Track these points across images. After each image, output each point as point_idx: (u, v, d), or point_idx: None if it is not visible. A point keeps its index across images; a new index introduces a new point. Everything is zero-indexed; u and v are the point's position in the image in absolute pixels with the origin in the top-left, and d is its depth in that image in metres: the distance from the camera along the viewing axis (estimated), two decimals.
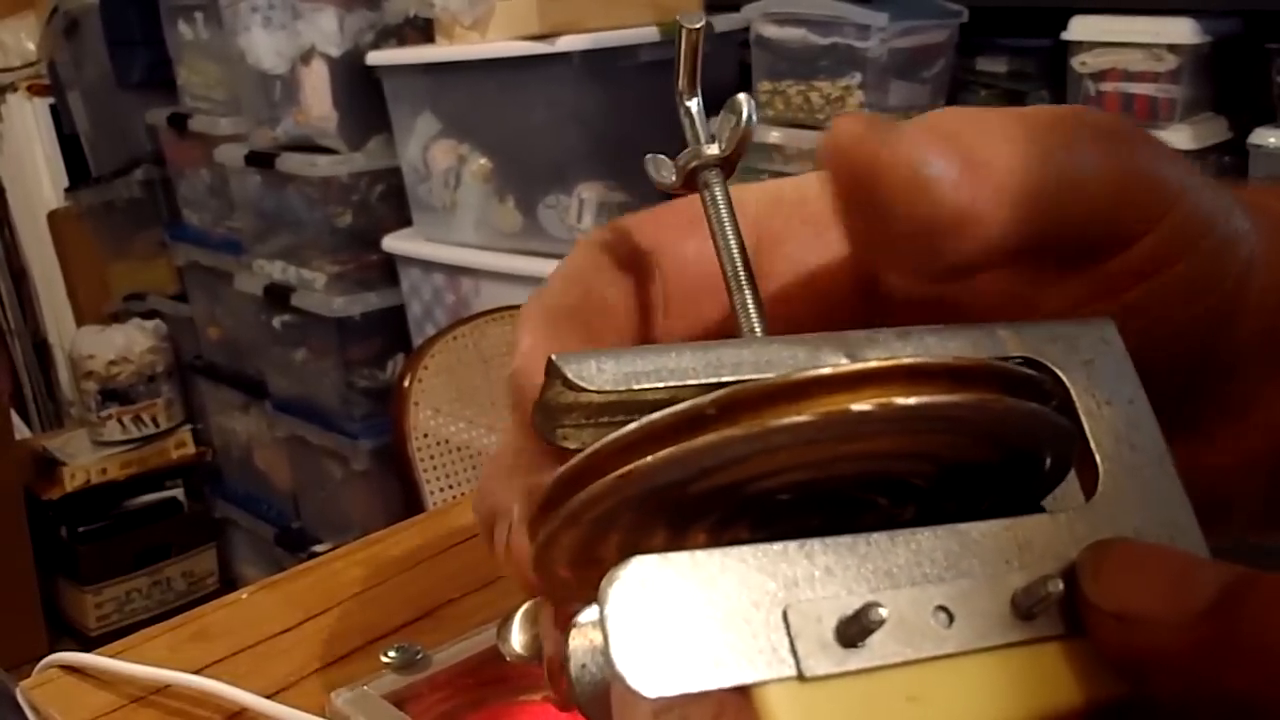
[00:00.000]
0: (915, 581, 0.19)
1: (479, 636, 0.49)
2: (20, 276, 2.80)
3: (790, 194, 0.26)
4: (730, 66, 1.63)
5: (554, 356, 0.20)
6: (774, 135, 1.42)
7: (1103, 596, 0.19)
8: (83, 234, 2.68)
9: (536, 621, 0.43)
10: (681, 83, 0.25)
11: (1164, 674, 0.19)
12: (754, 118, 0.24)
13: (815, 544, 0.19)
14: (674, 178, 0.25)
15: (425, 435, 1.38)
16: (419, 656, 0.47)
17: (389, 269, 1.92)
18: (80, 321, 2.71)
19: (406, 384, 1.37)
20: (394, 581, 0.59)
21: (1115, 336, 0.23)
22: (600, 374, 0.20)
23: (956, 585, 0.19)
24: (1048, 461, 0.21)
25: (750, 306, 0.23)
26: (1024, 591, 0.19)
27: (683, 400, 0.19)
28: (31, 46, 2.65)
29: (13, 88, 2.67)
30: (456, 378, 1.42)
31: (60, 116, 2.66)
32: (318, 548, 2.10)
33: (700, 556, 0.18)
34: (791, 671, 0.18)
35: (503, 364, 1.45)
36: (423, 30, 1.78)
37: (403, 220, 1.88)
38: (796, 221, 0.25)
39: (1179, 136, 1.54)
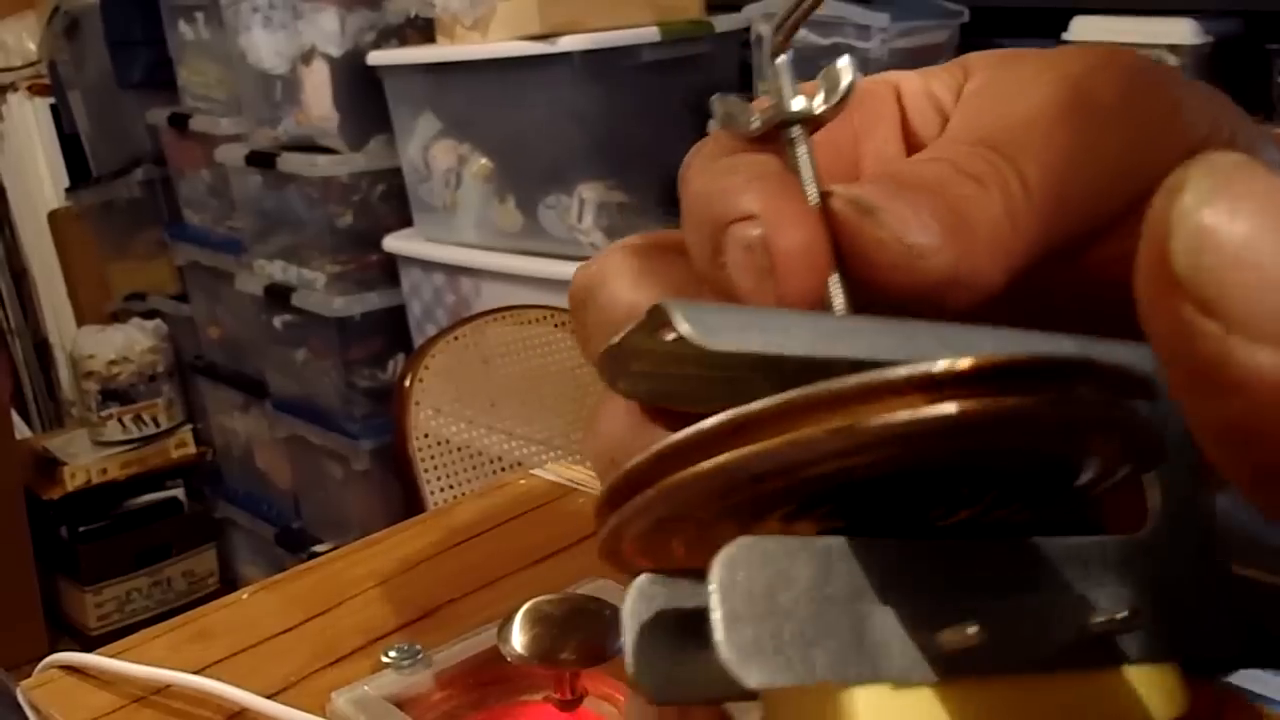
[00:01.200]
0: (1001, 594, 0.19)
1: (479, 636, 0.49)
2: (20, 276, 2.80)
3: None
4: (730, 66, 1.64)
5: (663, 302, 0.19)
6: None
7: (1202, 282, 0.12)
8: (83, 234, 2.69)
9: (537, 621, 0.43)
10: (781, 33, 0.24)
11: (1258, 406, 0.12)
12: (857, 79, 0.23)
13: (911, 544, 0.19)
14: (755, 125, 0.24)
15: (426, 435, 1.38)
16: (419, 656, 0.47)
17: (389, 269, 1.92)
18: (80, 321, 2.71)
19: (407, 384, 1.37)
20: (394, 581, 0.59)
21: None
22: (715, 329, 0.20)
23: (1033, 600, 0.19)
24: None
25: (836, 281, 0.22)
26: (1094, 612, 0.19)
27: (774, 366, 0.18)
28: (32, 46, 2.65)
29: (13, 88, 2.67)
30: (457, 378, 1.42)
31: (61, 116, 2.66)
32: (318, 548, 2.11)
33: (811, 542, 0.18)
34: (885, 675, 0.17)
35: (503, 364, 1.45)
36: (423, 30, 1.78)
37: (403, 220, 1.88)
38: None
39: None
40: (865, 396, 0.17)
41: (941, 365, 0.17)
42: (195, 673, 0.50)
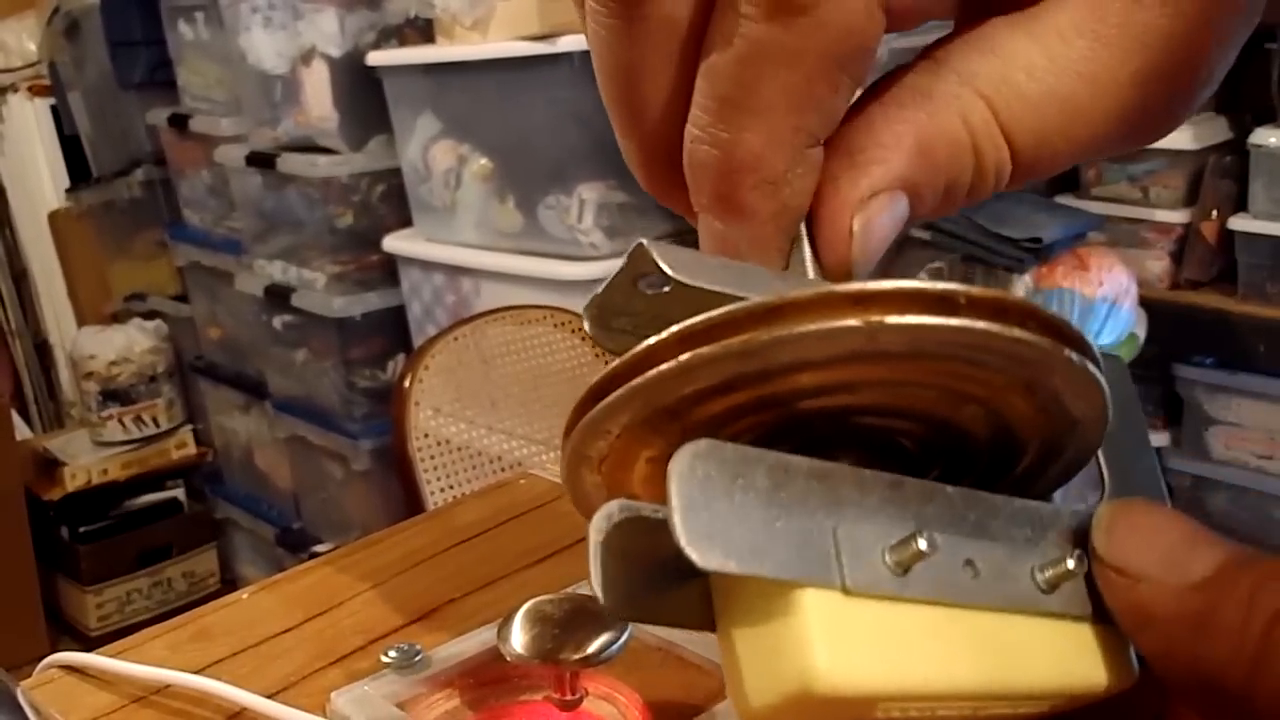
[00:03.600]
0: (947, 531, 0.20)
1: (479, 636, 0.49)
2: (21, 277, 2.80)
3: None
4: None
5: (643, 242, 0.21)
6: None
7: (1110, 550, 0.21)
8: (83, 234, 2.69)
9: (537, 621, 0.43)
10: None
11: (1151, 632, 0.20)
12: None
13: (866, 473, 0.19)
14: None
15: (426, 435, 1.38)
16: (419, 656, 0.47)
17: (389, 269, 1.92)
18: (81, 322, 2.71)
19: (407, 384, 1.37)
20: (394, 581, 0.59)
21: (1126, 370, 0.25)
22: (688, 268, 0.21)
23: (983, 546, 0.20)
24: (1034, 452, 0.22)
25: (808, 259, 0.24)
26: (1042, 567, 0.20)
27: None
28: (32, 47, 2.65)
29: (13, 88, 2.67)
30: (457, 378, 1.42)
31: (61, 117, 2.66)
32: (318, 548, 2.11)
33: (765, 454, 0.19)
34: (836, 581, 0.18)
35: (503, 364, 1.45)
36: (423, 30, 1.78)
37: (403, 220, 1.88)
38: None
39: (1180, 137, 1.54)
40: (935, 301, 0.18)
41: (949, 286, 0.18)
42: (195, 673, 0.50)
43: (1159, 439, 1.68)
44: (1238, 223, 1.57)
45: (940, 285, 0.18)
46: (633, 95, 0.24)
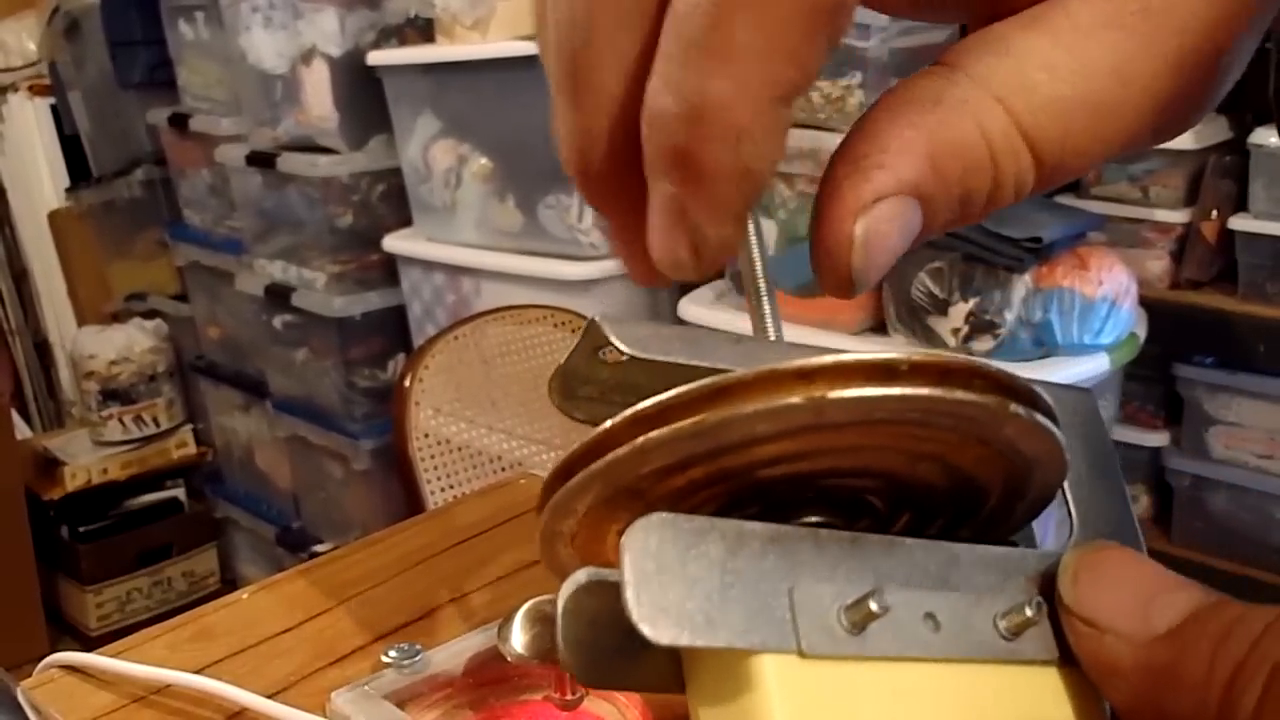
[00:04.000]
0: (908, 586, 0.20)
1: (479, 636, 0.49)
2: (21, 276, 2.80)
3: None
4: None
5: (597, 318, 0.21)
6: None
7: (1076, 601, 0.21)
8: (83, 234, 2.69)
9: (537, 621, 0.43)
10: None
11: (1117, 683, 0.20)
12: None
13: (824, 533, 0.20)
14: None
15: (426, 435, 1.38)
16: (419, 656, 0.47)
17: (389, 269, 1.92)
18: (81, 321, 2.71)
19: (407, 384, 1.37)
20: (394, 581, 0.59)
21: (1095, 405, 0.25)
22: (643, 342, 0.21)
23: (944, 597, 0.20)
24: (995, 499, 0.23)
25: (768, 315, 0.24)
26: (1004, 614, 0.21)
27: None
28: (32, 46, 2.65)
29: (13, 88, 2.67)
30: (457, 378, 1.42)
31: (61, 116, 2.66)
32: (318, 548, 2.11)
33: (719, 523, 0.19)
34: (792, 646, 0.18)
35: (503, 364, 1.45)
36: (423, 30, 1.78)
37: (403, 220, 1.88)
38: None
39: (1180, 136, 1.54)
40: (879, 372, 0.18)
41: (891, 356, 0.18)
42: (195, 673, 0.50)
43: (1159, 439, 1.68)
44: (1238, 222, 1.57)
45: (882, 355, 0.18)
46: (582, 64, 0.23)
